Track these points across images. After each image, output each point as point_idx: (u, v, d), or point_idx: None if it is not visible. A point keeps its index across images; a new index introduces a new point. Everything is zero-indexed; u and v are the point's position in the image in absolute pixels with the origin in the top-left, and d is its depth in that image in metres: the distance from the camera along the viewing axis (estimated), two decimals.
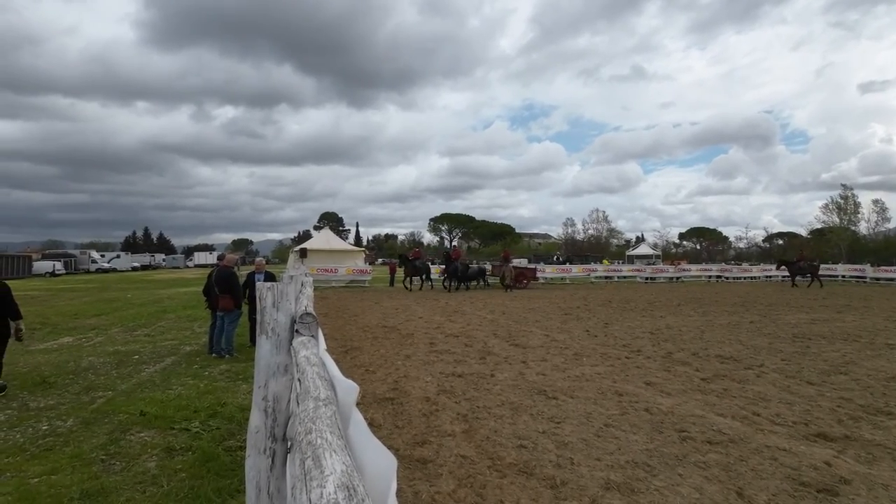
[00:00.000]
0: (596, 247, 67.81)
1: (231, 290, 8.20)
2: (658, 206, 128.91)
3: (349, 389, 1.29)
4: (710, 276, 32.26)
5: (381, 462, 0.96)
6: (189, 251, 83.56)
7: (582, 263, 38.37)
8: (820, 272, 32.95)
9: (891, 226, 54.79)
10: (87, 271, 48.59)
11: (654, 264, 37.66)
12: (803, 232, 60.77)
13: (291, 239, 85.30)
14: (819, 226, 56.80)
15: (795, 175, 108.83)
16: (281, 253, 78.72)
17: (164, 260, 66.48)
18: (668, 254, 53.38)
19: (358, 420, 1.15)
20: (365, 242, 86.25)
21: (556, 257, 27.29)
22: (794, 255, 30.68)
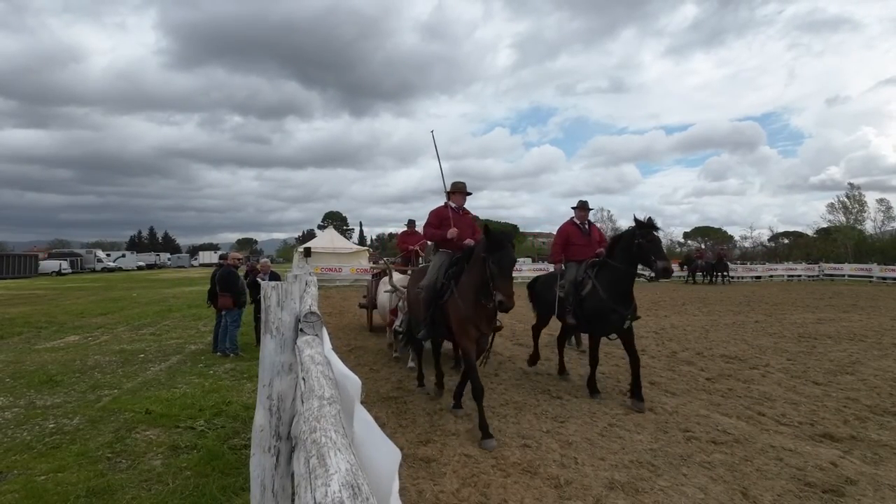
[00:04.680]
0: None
1: (230, 288, 8.22)
2: (657, 205, 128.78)
3: (356, 385, 1.30)
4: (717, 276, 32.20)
5: (386, 459, 0.96)
6: (194, 250, 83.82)
7: None
8: (822, 272, 33.21)
9: None
10: (93, 270, 48.83)
11: None
12: (809, 231, 60.38)
13: (296, 238, 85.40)
14: (825, 225, 56.49)
15: (786, 177, 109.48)
16: (285, 252, 78.89)
17: (168, 259, 66.75)
18: (672, 253, 53.15)
19: (365, 418, 1.15)
20: (368, 242, 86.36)
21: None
22: (695, 254, 32.10)
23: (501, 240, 4.48)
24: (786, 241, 64.98)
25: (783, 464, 3.91)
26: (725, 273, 28.41)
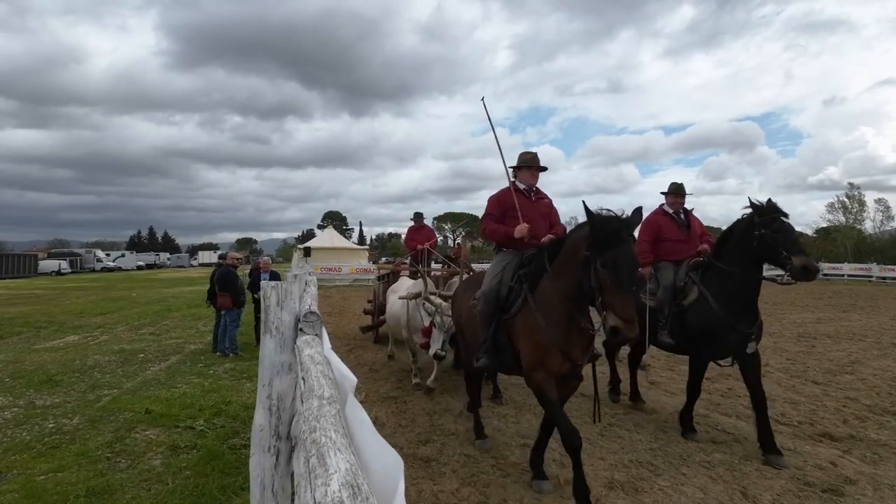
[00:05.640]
0: None
1: (229, 288, 8.22)
2: (657, 205, 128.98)
3: (352, 383, 1.30)
4: None
5: (387, 461, 0.96)
6: (193, 250, 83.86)
7: None
8: (823, 272, 33.37)
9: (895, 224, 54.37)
10: (93, 270, 48.80)
11: None
12: (808, 231, 60.45)
13: (295, 238, 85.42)
14: (824, 225, 56.53)
15: (784, 176, 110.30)
16: (285, 252, 78.91)
17: (168, 259, 66.70)
18: None
19: (364, 419, 1.15)
20: (368, 242, 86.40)
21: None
22: None
23: (618, 229, 2.95)
24: None
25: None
26: None
